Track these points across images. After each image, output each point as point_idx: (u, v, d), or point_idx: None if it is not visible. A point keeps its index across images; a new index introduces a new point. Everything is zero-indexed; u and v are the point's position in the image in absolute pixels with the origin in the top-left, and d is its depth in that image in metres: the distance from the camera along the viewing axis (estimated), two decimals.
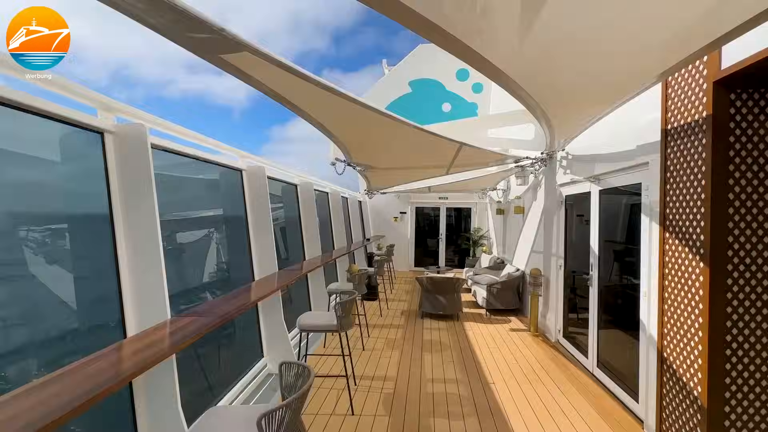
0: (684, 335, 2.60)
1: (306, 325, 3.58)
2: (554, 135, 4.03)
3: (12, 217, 2.29)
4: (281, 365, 2.05)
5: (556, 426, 3.20)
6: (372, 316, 6.69)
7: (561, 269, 5.24)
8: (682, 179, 2.63)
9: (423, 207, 12.68)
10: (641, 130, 3.22)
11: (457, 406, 3.53)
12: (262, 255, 4.38)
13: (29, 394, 1.36)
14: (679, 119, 2.67)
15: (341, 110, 2.99)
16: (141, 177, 2.38)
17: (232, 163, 4.11)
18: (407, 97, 12.09)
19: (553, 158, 5.49)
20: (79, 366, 1.67)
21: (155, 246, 2.37)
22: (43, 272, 2.40)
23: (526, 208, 7.23)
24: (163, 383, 2.27)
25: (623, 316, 3.93)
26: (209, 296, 4.36)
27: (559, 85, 2.61)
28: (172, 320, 2.40)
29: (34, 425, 1.13)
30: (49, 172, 2.48)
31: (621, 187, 3.84)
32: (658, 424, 2.89)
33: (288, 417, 1.64)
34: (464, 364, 4.53)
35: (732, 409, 2.36)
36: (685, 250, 2.59)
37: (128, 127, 2.41)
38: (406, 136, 3.92)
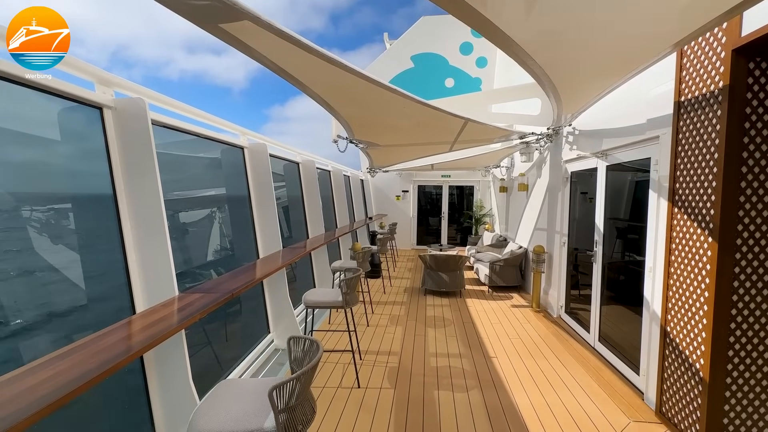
0: (689, 309, 2.61)
1: (311, 301, 3.62)
2: (562, 109, 3.94)
3: (15, 199, 2.28)
4: (289, 340, 2.07)
5: (557, 397, 3.27)
6: (375, 293, 6.77)
7: (564, 246, 5.25)
8: (693, 153, 2.58)
9: (425, 185, 12.61)
10: (652, 103, 3.13)
11: (461, 378, 3.61)
12: (266, 233, 4.38)
13: (45, 366, 1.38)
14: (693, 90, 2.58)
15: (344, 84, 2.91)
16: (143, 153, 2.34)
17: (233, 141, 4.05)
18: (409, 72, 11.79)
19: (559, 134, 5.39)
20: (92, 340, 1.69)
21: (160, 222, 2.36)
22: (46, 248, 2.40)
23: (530, 186, 7.17)
24: (173, 357, 2.31)
25: (626, 292, 3.95)
26: (214, 275, 4.39)
27: (569, 56, 2.52)
28: (180, 297, 2.42)
29: (52, 395, 1.15)
30: (50, 151, 2.45)
31: (627, 163, 3.78)
32: (658, 395, 2.95)
33: (298, 389, 1.67)
34: (467, 339, 4.61)
35: (733, 380, 2.39)
36: (693, 225, 2.57)
37: (127, 101, 2.35)
38: (409, 112, 3.83)
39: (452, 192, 12.62)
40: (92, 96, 2.21)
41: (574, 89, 3.26)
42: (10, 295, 2.22)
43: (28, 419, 1.05)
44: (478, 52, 11.57)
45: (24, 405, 1.12)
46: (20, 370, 1.36)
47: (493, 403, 3.19)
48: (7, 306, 2.16)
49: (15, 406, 1.11)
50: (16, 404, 1.12)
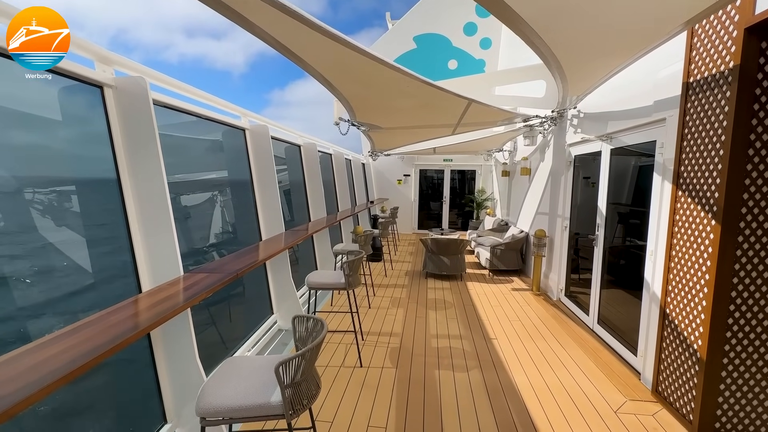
0: (689, 291, 2.63)
1: (314, 283, 3.65)
2: (567, 91, 3.88)
3: (17, 181, 2.28)
4: (294, 318, 2.10)
5: (555, 377, 3.34)
6: (377, 276, 6.83)
7: (566, 230, 5.26)
8: (700, 135, 2.55)
9: (427, 169, 12.54)
10: (660, 84, 3.08)
11: (461, 359, 3.68)
12: (269, 215, 4.39)
13: (58, 341, 1.41)
14: (702, 71, 2.54)
15: (347, 62, 2.86)
16: (145, 133, 2.33)
17: (234, 122, 4.01)
18: (412, 53, 11.56)
19: (564, 117, 5.33)
20: (101, 317, 1.72)
21: (164, 202, 2.36)
22: (52, 229, 2.42)
23: (532, 170, 7.13)
24: (180, 335, 2.35)
25: (627, 275, 3.98)
26: (216, 257, 4.43)
27: (578, 34, 2.46)
28: (185, 276, 2.44)
29: (68, 367, 1.18)
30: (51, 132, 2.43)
31: (631, 146, 3.75)
32: (655, 375, 3.00)
33: (304, 365, 1.70)
34: (467, 321, 4.67)
35: (730, 360, 2.44)
36: (697, 208, 2.57)
37: (128, 80, 2.32)
38: (412, 92, 3.78)
39: (454, 176, 12.56)
40: (92, 74, 2.18)
41: (581, 70, 3.20)
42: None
43: (46, 388, 1.08)
44: (482, 33, 11.31)
45: (41, 375, 1.15)
46: (33, 344, 1.39)
47: (493, 382, 3.25)
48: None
49: (34, 376, 1.14)
50: (34, 374, 1.15)
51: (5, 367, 1.24)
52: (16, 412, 1.02)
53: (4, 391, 1.10)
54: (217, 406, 1.62)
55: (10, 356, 1.32)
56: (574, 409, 2.86)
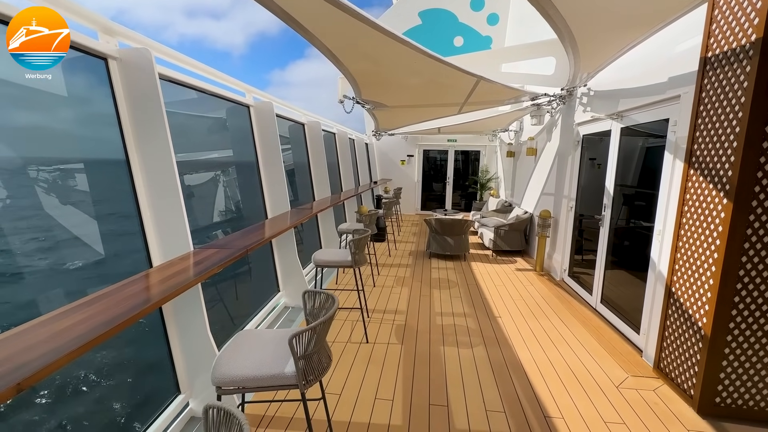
0: (696, 270, 2.64)
1: (321, 260, 3.68)
2: (579, 67, 3.79)
3: (23, 161, 2.28)
4: (304, 293, 2.12)
5: (558, 353, 3.40)
6: (381, 255, 6.87)
7: (572, 211, 5.24)
8: (716, 112, 2.50)
9: (431, 150, 12.43)
10: (676, 60, 3.00)
11: (466, 336, 3.74)
12: (274, 193, 4.38)
13: (77, 311, 1.43)
14: (722, 45, 2.46)
15: (355, 35, 2.78)
16: (152, 106, 2.29)
17: (239, 99, 3.95)
18: (416, 29, 11.25)
19: (573, 95, 5.23)
20: (116, 289, 1.74)
21: (172, 177, 2.35)
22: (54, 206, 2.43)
23: (538, 150, 7.05)
24: (192, 309, 2.38)
25: (632, 255, 3.99)
26: (222, 236, 4.45)
27: (594, 5, 2.38)
28: (195, 252, 2.46)
29: (89, 335, 1.20)
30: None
31: (643, 125, 3.69)
32: (657, 351, 3.05)
33: (315, 338, 1.73)
34: (471, 300, 4.72)
35: (734, 337, 2.46)
36: (709, 186, 2.54)
37: (133, 52, 2.27)
38: (420, 68, 3.69)
39: (457, 157, 12.46)
40: (96, 45, 2.13)
41: (595, 44, 3.11)
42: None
43: (70, 354, 1.11)
44: (489, 8, 10.98)
45: (63, 342, 1.17)
46: (53, 314, 1.41)
47: (497, 358, 3.32)
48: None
49: (56, 343, 1.16)
50: (57, 341, 1.18)
51: (27, 335, 1.26)
52: (42, 377, 1.04)
53: (29, 357, 1.12)
54: (232, 376, 1.65)
55: (30, 325, 1.35)
56: (577, 385, 2.92)
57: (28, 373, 1.04)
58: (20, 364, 1.08)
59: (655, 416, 2.56)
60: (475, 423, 2.48)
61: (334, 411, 2.56)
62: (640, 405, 2.68)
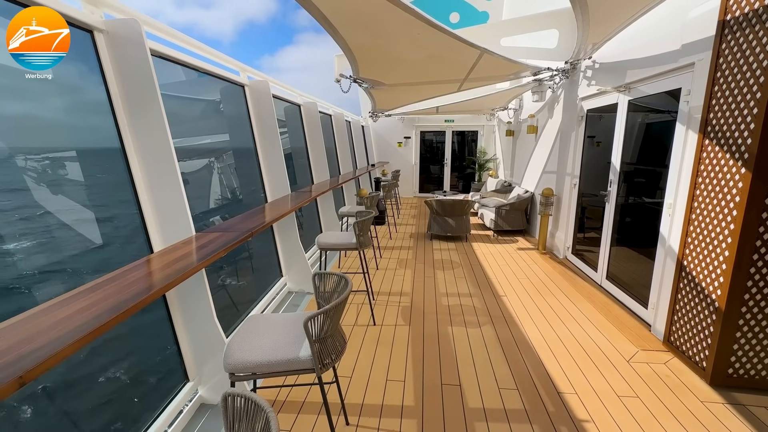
0: (711, 242, 2.59)
1: (325, 243, 3.60)
2: (587, 37, 3.65)
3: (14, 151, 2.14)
4: (314, 276, 2.05)
5: (567, 329, 3.39)
6: (382, 238, 6.81)
7: (575, 188, 5.18)
8: (735, 78, 2.40)
9: (427, 131, 12.23)
10: (690, 25, 2.88)
11: (473, 315, 3.71)
12: (273, 176, 4.26)
13: (78, 298, 1.34)
14: (743, 6, 2.35)
15: (354, 2, 2.62)
16: (144, 82, 2.15)
17: (233, 78, 3.78)
18: (412, 5, 10.90)
19: (577, 69, 5.09)
20: (119, 274, 1.65)
21: (169, 157, 2.24)
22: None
23: (539, 128, 6.93)
24: (196, 295, 2.30)
25: (638, 231, 3.95)
26: (220, 221, 4.35)
27: None
28: (198, 236, 2.36)
29: (92, 323, 1.11)
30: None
31: (638, 100, 3.59)
32: (667, 326, 3.04)
33: (329, 322, 1.67)
34: (476, 280, 4.70)
35: (749, 309, 2.44)
36: (726, 156, 2.47)
37: (120, 23, 2.11)
38: (422, 40, 3.53)
39: (455, 139, 12.29)
40: (80, 15, 1.97)
41: (607, 8, 2.97)
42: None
43: (76, 343, 1.03)
44: None
45: (68, 330, 1.09)
46: (54, 301, 1.32)
47: (506, 336, 3.30)
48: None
49: (60, 332, 1.08)
50: (60, 329, 1.10)
51: (29, 324, 1.18)
52: (46, 368, 0.96)
53: (31, 347, 1.04)
54: (245, 362, 1.59)
55: (31, 313, 1.26)
56: (588, 360, 2.92)
57: (30, 365, 0.96)
58: (22, 355, 1.00)
59: (668, 388, 2.56)
60: (488, 401, 2.46)
61: (346, 393, 2.53)
62: (651, 378, 2.67)
